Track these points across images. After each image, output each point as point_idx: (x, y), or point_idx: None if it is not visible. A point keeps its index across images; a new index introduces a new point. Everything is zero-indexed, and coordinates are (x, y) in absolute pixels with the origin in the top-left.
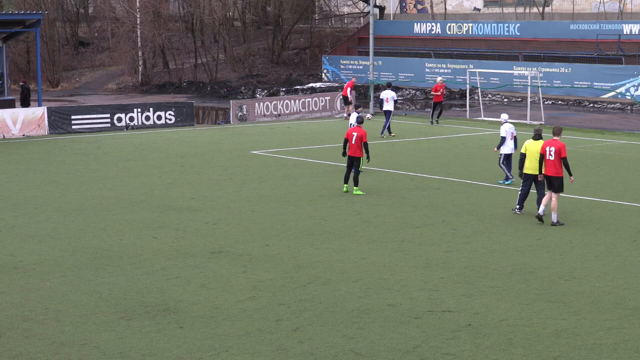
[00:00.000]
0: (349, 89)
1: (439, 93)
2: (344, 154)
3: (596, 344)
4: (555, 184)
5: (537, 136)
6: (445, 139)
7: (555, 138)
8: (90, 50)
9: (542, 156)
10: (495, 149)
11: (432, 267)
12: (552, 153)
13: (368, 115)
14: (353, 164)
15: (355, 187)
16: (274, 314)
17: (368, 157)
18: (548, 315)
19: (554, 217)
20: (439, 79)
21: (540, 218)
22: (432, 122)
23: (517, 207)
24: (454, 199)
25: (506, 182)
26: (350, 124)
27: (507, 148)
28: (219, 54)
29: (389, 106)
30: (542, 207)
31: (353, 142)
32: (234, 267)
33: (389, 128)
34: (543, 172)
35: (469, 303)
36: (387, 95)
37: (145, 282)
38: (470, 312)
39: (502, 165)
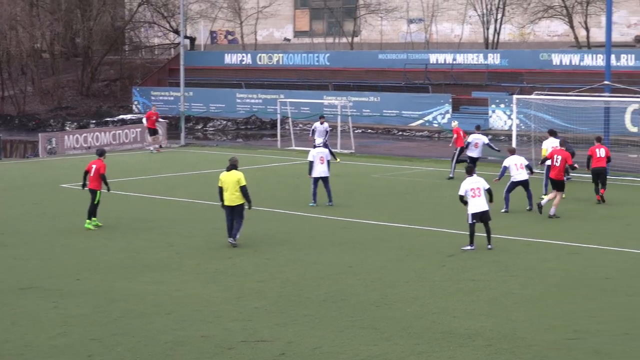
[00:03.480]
0: (150, 119)
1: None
2: (84, 185)
3: None
4: (559, 185)
5: (232, 167)
6: (257, 168)
7: (562, 148)
8: None
9: (550, 160)
10: (310, 175)
11: (246, 297)
12: (559, 160)
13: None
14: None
15: (94, 219)
16: (85, 350)
17: (108, 188)
18: (361, 342)
19: (552, 210)
20: (454, 123)
21: (540, 207)
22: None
23: (231, 239)
24: (266, 228)
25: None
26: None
27: (316, 172)
28: (26, 86)
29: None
30: (545, 200)
31: (92, 174)
32: (44, 303)
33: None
34: (549, 176)
35: (283, 332)
36: None
37: None
38: (284, 341)
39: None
